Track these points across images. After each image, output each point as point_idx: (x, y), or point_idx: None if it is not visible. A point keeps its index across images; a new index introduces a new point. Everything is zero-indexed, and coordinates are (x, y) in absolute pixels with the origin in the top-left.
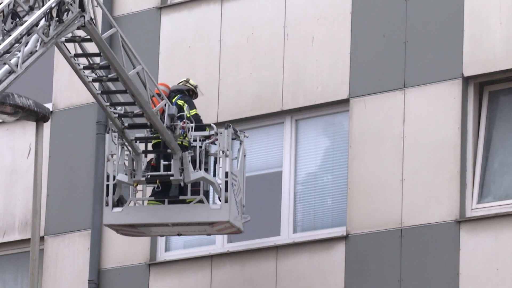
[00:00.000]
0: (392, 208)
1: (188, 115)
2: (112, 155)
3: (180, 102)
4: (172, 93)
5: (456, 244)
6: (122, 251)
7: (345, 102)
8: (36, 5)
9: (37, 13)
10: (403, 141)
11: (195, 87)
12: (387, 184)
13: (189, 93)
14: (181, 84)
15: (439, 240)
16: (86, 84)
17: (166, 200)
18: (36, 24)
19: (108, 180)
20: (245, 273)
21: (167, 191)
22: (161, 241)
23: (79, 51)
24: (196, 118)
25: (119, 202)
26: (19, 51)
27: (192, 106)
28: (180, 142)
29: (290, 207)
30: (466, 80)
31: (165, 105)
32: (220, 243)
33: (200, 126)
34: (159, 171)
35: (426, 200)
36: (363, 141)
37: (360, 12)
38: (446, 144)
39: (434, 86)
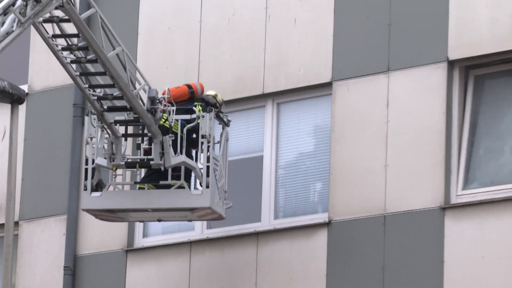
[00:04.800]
0: (375, 194)
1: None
2: (91, 138)
3: (199, 108)
4: (198, 98)
5: (441, 231)
6: (99, 237)
7: (327, 85)
8: None
9: None
10: (387, 125)
11: (221, 104)
12: (371, 169)
13: (210, 105)
14: (210, 96)
15: (423, 227)
16: (64, 65)
17: (146, 185)
18: (13, 4)
19: (87, 163)
20: (224, 260)
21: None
22: (139, 227)
23: (57, 31)
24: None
25: (98, 186)
26: None
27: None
28: (162, 123)
29: (271, 192)
30: (451, 64)
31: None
32: (199, 229)
33: (185, 109)
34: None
35: (410, 186)
36: (346, 126)
37: None
38: (430, 129)
39: (418, 70)
